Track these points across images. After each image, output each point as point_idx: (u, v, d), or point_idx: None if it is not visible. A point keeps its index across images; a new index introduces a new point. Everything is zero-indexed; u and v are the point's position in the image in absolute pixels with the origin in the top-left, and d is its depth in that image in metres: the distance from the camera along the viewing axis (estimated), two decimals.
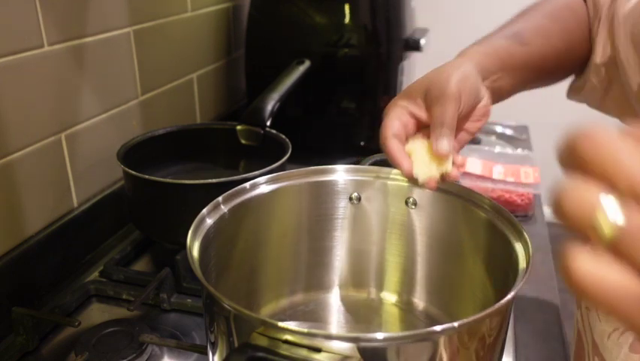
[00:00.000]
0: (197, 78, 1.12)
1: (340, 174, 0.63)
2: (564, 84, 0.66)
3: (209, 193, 0.57)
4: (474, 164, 1.03)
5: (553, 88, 0.64)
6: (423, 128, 0.55)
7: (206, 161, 0.92)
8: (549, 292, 0.76)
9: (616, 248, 0.19)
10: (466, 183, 0.98)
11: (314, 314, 0.65)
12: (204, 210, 0.55)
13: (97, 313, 0.71)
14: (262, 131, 0.86)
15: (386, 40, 1.09)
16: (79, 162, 0.81)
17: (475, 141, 1.24)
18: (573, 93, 0.66)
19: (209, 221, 0.55)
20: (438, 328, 0.39)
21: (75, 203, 0.81)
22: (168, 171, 0.88)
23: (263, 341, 0.40)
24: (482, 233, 0.56)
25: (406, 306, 0.66)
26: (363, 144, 1.12)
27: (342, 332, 0.62)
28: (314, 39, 1.08)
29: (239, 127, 0.88)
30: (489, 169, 1.01)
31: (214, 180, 0.70)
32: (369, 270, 0.67)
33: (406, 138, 0.54)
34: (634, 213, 0.19)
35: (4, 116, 0.67)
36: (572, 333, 0.69)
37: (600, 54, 0.59)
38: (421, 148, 0.53)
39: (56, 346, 0.65)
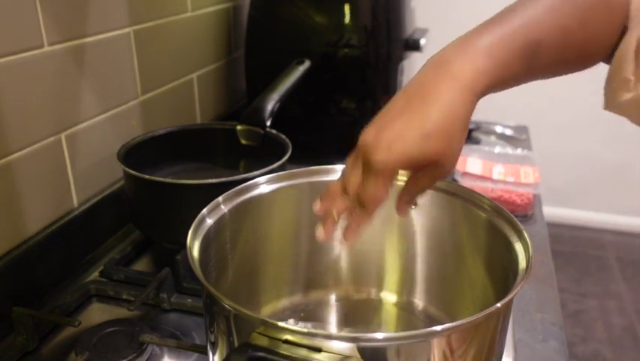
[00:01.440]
0: (197, 78, 1.12)
1: (340, 174, 0.63)
2: (565, 85, 0.63)
3: (209, 193, 0.57)
4: (474, 164, 1.03)
5: (553, 88, 0.63)
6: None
7: (206, 161, 0.92)
8: (549, 292, 0.76)
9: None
10: (466, 183, 0.98)
11: (314, 314, 0.65)
12: (204, 210, 0.55)
13: (97, 313, 0.71)
14: (262, 131, 0.86)
15: (386, 40, 1.09)
16: (79, 162, 0.81)
17: (475, 141, 1.24)
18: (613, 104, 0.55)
19: (209, 221, 0.55)
20: (438, 328, 0.39)
21: (75, 203, 0.81)
22: (168, 171, 0.88)
23: (263, 341, 0.40)
24: (482, 233, 0.56)
25: (406, 306, 0.66)
26: None
27: (342, 332, 0.62)
28: (314, 39, 1.08)
29: (239, 127, 0.88)
30: (489, 169, 1.01)
31: (214, 180, 0.70)
32: (369, 270, 0.67)
33: None
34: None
35: (4, 116, 0.67)
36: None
37: None
38: None
39: (56, 346, 0.65)
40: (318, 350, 0.38)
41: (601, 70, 0.55)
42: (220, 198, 0.57)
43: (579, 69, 0.53)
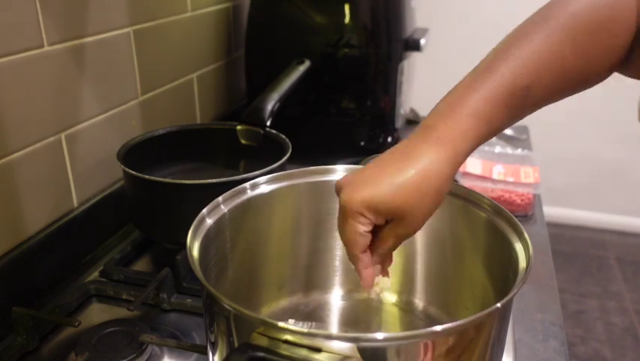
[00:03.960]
0: (197, 78, 1.12)
1: (340, 174, 0.63)
2: None
3: (209, 193, 0.57)
4: (474, 164, 1.03)
5: None
6: None
7: (206, 161, 0.92)
8: (549, 292, 0.76)
9: None
10: (466, 183, 0.98)
11: (314, 314, 0.65)
12: (204, 210, 0.55)
13: (97, 313, 0.71)
14: (262, 131, 0.86)
15: (386, 40, 1.09)
16: (79, 162, 0.81)
17: None
18: None
19: (209, 221, 0.55)
20: (438, 328, 0.39)
21: (75, 203, 0.81)
22: (168, 171, 0.88)
23: (263, 341, 0.40)
24: (482, 233, 0.56)
25: (406, 306, 0.66)
26: (363, 144, 1.12)
27: (342, 332, 0.62)
28: (314, 39, 1.08)
29: (239, 127, 0.88)
30: (489, 169, 1.01)
31: (214, 180, 0.70)
32: None
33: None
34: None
35: (4, 116, 0.67)
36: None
37: None
38: None
39: (56, 346, 0.65)
40: (318, 350, 0.38)
41: None
42: (220, 198, 0.57)
43: (578, 92, 0.52)
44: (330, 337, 0.39)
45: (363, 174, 0.47)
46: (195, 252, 0.50)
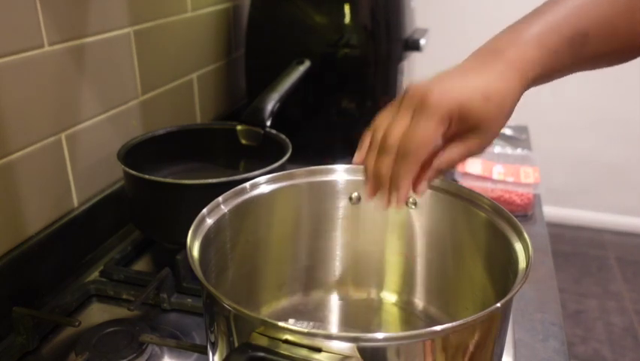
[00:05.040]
0: (197, 78, 1.12)
1: (340, 174, 0.63)
2: (565, 85, 0.62)
3: (209, 193, 0.57)
4: (474, 164, 1.03)
5: (552, 88, 0.62)
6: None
7: (206, 161, 0.92)
8: (549, 292, 0.76)
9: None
10: (466, 183, 0.98)
11: (314, 314, 0.65)
12: (204, 210, 0.55)
13: (97, 313, 0.71)
14: (262, 131, 0.86)
15: (386, 40, 1.09)
16: (79, 162, 0.81)
17: None
18: None
19: (209, 221, 0.55)
20: (438, 328, 0.39)
21: (75, 203, 0.81)
22: (168, 171, 0.88)
23: (263, 341, 0.40)
24: (482, 233, 0.56)
25: (406, 306, 0.66)
26: None
27: (342, 332, 0.62)
28: (314, 39, 1.08)
29: (239, 127, 0.88)
30: (489, 169, 1.01)
31: (214, 180, 0.70)
32: (369, 270, 0.67)
33: None
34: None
35: (4, 116, 0.67)
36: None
37: None
38: None
39: (56, 346, 0.65)
40: (318, 350, 0.38)
41: (600, 70, 0.55)
42: (220, 198, 0.57)
43: (626, 60, 0.53)
44: (330, 337, 0.39)
45: (450, 80, 0.45)
46: (195, 252, 0.50)
